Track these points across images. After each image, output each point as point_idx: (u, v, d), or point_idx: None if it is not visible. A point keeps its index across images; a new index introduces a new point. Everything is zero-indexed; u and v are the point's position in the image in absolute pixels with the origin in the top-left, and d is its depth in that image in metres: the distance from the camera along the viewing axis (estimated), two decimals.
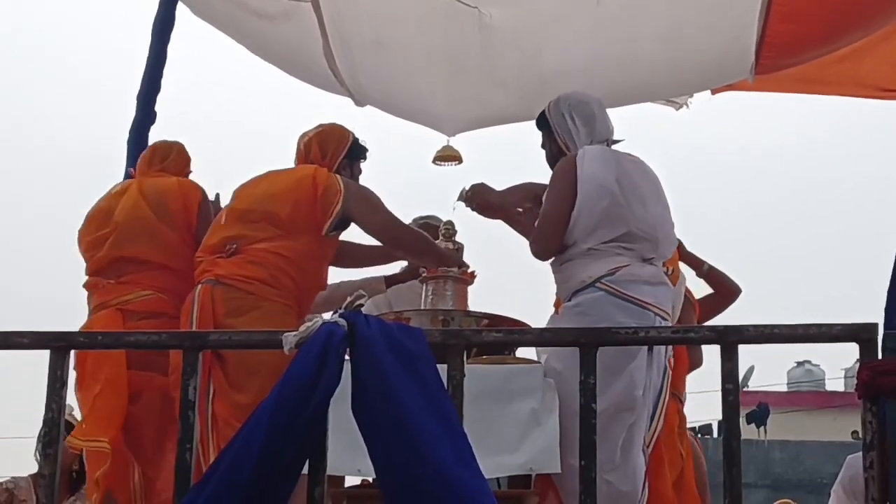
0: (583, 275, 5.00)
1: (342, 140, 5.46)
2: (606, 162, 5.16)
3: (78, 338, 3.59)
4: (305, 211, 5.16)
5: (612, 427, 4.70)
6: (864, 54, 6.91)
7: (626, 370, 4.78)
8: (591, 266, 4.99)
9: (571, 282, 5.04)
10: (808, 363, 36.54)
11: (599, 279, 4.94)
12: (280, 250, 5.08)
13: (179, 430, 3.41)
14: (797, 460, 24.98)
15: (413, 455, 3.14)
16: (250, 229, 5.13)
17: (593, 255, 5.01)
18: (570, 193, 5.07)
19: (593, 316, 4.82)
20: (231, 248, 5.10)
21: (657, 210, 5.21)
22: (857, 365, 7.33)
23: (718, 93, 7.36)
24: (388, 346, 3.30)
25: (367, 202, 5.27)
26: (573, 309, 4.97)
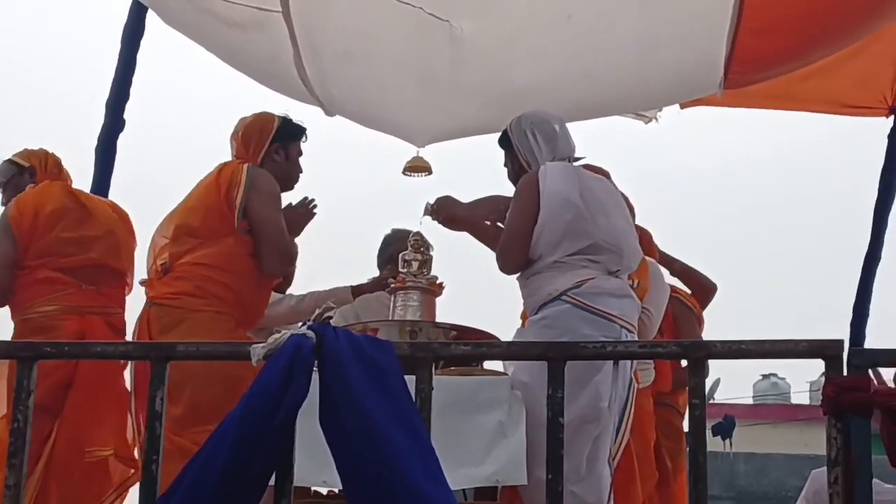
0: (549, 288, 5.03)
1: (265, 127, 5.56)
2: (569, 177, 5.21)
3: (45, 348, 3.57)
4: (216, 214, 5.26)
5: (577, 439, 4.71)
6: (830, 72, 6.98)
7: (592, 382, 4.81)
8: (558, 279, 5.03)
9: (538, 295, 5.07)
10: (773, 376, 36.63)
11: (566, 292, 4.97)
12: (201, 259, 5.18)
13: (146, 442, 3.40)
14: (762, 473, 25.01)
15: (381, 468, 3.14)
16: (176, 246, 5.25)
17: (559, 268, 5.05)
18: (532, 209, 5.12)
19: (559, 329, 4.87)
20: (163, 267, 5.24)
21: (620, 223, 5.27)
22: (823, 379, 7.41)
23: (687, 107, 7.40)
24: (356, 359, 3.29)
25: (263, 194, 5.31)
26: (539, 322, 5.01)
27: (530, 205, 5.14)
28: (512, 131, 5.46)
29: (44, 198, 5.86)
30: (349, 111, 7.48)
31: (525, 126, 5.43)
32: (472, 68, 6.79)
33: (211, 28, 6.98)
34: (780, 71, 6.66)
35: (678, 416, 6.30)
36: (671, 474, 6.15)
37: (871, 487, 3.19)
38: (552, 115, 5.55)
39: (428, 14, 6.41)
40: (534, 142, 5.36)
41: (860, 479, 3.16)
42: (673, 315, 6.03)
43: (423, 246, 5.87)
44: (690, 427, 3.26)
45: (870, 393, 3.18)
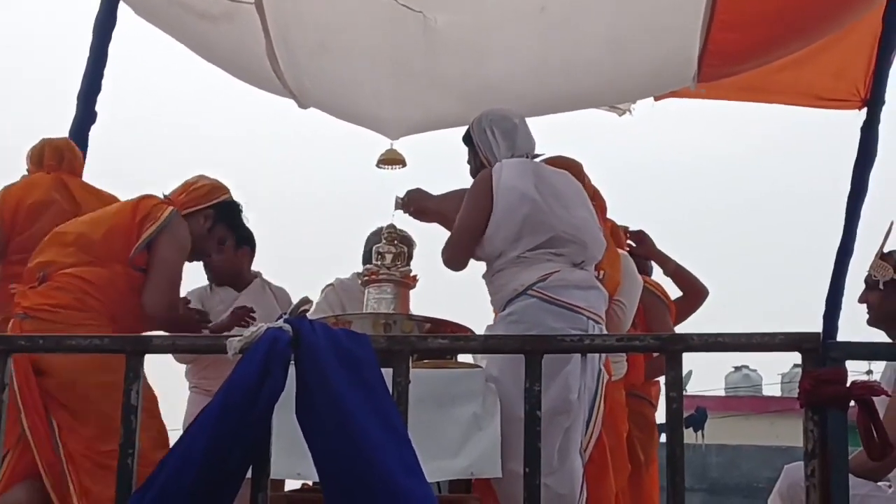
0: (514, 283, 5.05)
1: (213, 192, 5.52)
2: (524, 171, 5.22)
3: (19, 342, 3.55)
4: (119, 236, 5.13)
5: (548, 431, 4.68)
6: (804, 64, 7.00)
7: (561, 374, 4.81)
8: (522, 274, 5.04)
9: (504, 291, 5.09)
10: (745, 368, 36.82)
11: (531, 286, 4.98)
12: (84, 274, 5.00)
13: (121, 435, 3.38)
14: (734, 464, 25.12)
15: (358, 461, 3.13)
16: (61, 255, 5.07)
17: (523, 262, 5.06)
18: (485, 205, 5.14)
19: (526, 323, 4.89)
20: (41, 275, 5.03)
21: (581, 213, 5.26)
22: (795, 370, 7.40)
23: (661, 99, 7.41)
24: (333, 352, 3.28)
25: (175, 239, 5.20)
26: (507, 318, 5.02)
27: (483, 202, 5.15)
28: (473, 129, 5.47)
29: (29, 189, 5.76)
30: (323, 103, 7.48)
31: (485, 123, 5.43)
32: (445, 60, 6.80)
33: (182, 20, 6.96)
34: (753, 64, 6.69)
35: (650, 408, 6.31)
36: (643, 465, 6.15)
37: (848, 480, 3.20)
38: (513, 112, 5.54)
39: (401, 5, 6.40)
40: (492, 138, 5.37)
41: (837, 472, 3.17)
42: (644, 306, 6.02)
43: (398, 238, 5.86)
44: (668, 420, 3.26)
45: (847, 386, 3.19)
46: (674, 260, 6.63)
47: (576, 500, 4.89)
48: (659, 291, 6.35)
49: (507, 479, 4.67)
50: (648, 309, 6.11)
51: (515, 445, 4.64)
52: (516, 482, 4.26)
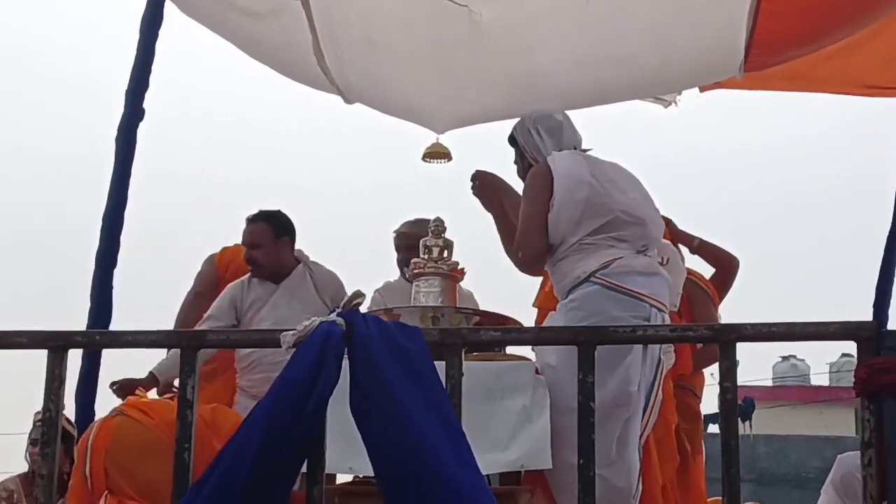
0: (577, 271, 5.06)
1: None
2: (577, 159, 5.32)
3: (75, 337, 3.58)
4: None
5: (607, 423, 4.72)
6: (851, 52, 6.93)
7: (622, 365, 4.82)
8: (584, 261, 5.05)
9: (567, 279, 5.10)
10: (793, 358, 36.67)
11: (594, 273, 5.00)
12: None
13: (178, 430, 3.41)
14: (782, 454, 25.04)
15: (412, 454, 3.14)
16: None
17: (585, 249, 5.08)
18: (546, 196, 5.19)
19: (587, 311, 4.89)
20: None
21: (636, 195, 5.32)
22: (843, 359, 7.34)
23: (707, 90, 7.37)
24: (386, 345, 3.30)
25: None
26: (568, 305, 5.03)
27: (544, 192, 5.20)
28: (517, 131, 5.62)
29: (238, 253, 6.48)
30: (368, 98, 7.47)
31: (528, 124, 5.57)
32: (491, 54, 6.78)
33: (228, 17, 6.98)
34: (800, 52, 6.64)
35: (695, 399, 6.29)
36: (690, 457, 6.13)
37: None
38: (556, 111, 5.71)
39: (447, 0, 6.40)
40: (538, 137, 5.50)
41: (894, 461, 3.16)
42: (688, 297, 6.00)
43: (444, 231, 5.87)
44: (721, 411, 3.25)
45: None
46: (697, 237, 6.60)
47: (632, 492, 4.88)
48: (702, 282, 6.33)
49: (560, 469, 4.69)
50: (692, 299, 6.09)
51: (570, 436, 4.65)
52: (570, 473, 4.26)
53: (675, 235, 6.57)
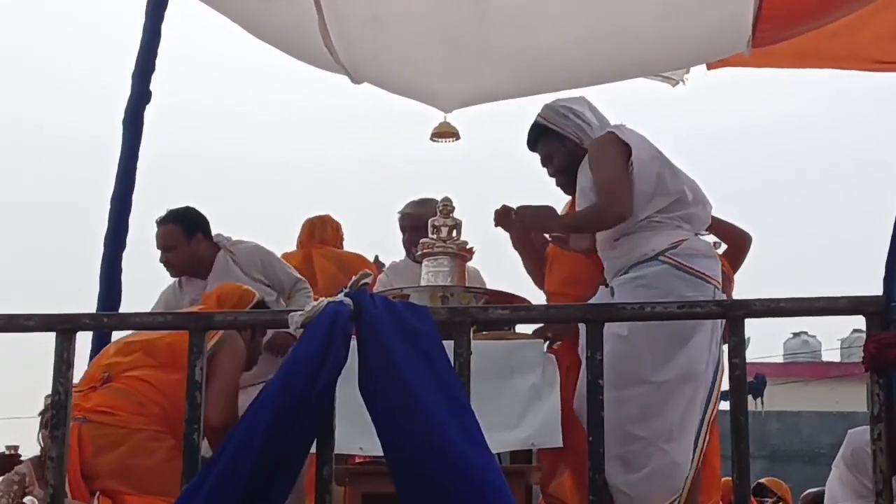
0: (644, 248, 5.00)
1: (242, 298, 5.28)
2: (642, 134, 5.20)
3: (84, 320, 3.58)
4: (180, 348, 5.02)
5: (672, 398, 4.76)
6: (860, 27, 6.89)
7: (690, 342, 4.81)
8: (654, 239, 5.01)
9: (630, 255, 5.03)
10: (804, 334, 36.65)
11: (663, 252, 4.95)
12: (148, 378, 4.95)
13: (187, 411, 3.41)
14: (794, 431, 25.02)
15: (421, 433, 3.15)
16: (127, 358, 5.02)
17: (654, 227, 5.04)
18: (624, 161, 5.05)
19: (659, 289, 4.84)
20: (105, 376, 5.00)
21: (691, 177, 5.25)
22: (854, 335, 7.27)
23: (714, 68, 7.34)
24: (394, 325, 3.30)
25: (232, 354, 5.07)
26: (636, 281, 4.96)
27: (621, 158, 5.06)
28: (548, 120, 5.40)
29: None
30: (376, 78, 7.46)
31: (561, 110, 5.40)
32: (498, 32, 6.77)
33: None
34: (808, 27, 6.60)
35: None
36: None
37: None
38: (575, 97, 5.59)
39: None
40: (579, 120, 5.34)
41: None
42: None
43: (453, 210, 5.86)
44: (731, 387, 3.26)
45: None
46: None
47: (687, 470, 4.86)
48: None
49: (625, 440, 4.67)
50: None
51: (641, 408, 4.67)
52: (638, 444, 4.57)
53: None
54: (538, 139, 5.47)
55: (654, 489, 4.77)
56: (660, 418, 4.77)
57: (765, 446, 23.30)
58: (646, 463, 4.76)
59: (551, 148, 5.42)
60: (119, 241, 7.04)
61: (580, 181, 5.26)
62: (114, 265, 6.99)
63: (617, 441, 4.57)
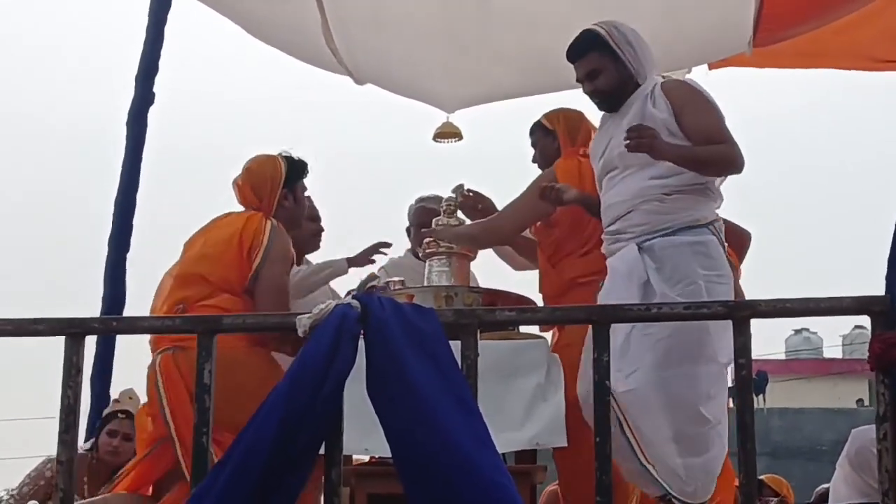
0: (697, 213, 4.79)
1: (275, 175, 5.35)
2: None
3: (93, 324, 3.60)
4: (234, 268, 5.08)
5: (723, 383, 4.68)
6: (860, 26, 6.91)
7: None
8: (704, 206, 4.82)
9: (678, 215, 4.77)
10: (805, 331, 36.69)
11: (712, 223, 4.80)
12: (220, 304, 4.96)
13: (195, 415, 3.43)
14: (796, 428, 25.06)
15: (429, 435, 3.16)
16: (191, 290, 5.04)
17: (707, 195, 4.84)
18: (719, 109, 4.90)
19: (714, 259, 4.71)
20: (180, 308, 4.98)
21: None
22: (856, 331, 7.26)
23: (715, 68, 7.36)
24: (401, 327, 3.31)
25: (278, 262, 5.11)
26: (695, 247, 4.72)
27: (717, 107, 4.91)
28: (612, 36, 5.05)
29: None
30: (378, 79, 7.49)
31: (630, 35, 5.08)
32: (499, 32, 6.79)
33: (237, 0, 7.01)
34: (809, 27, 6.63)
35: None
36: None
37: None
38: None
39: None
40: (641, 53, 5.05)
41: None
42: None
43: (457, 210, 5.85)
44: (737, 387, 3.26)
45: None
46: None
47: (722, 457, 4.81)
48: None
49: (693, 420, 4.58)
50: None
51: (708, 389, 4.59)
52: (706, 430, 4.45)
53: None
54: (589, 50, 5.11)
55: (710, 477, 4.63)
56: (718, 402, 4.63)
57: (767, 443, 23.33)
58: (707, 448, 4.62)
59: (603, 64, 5.05)
60: (124, 242, 7.08)
61: (649, 110, 4.92)
62: (119, 266, 7.03)
63: (685, 420, 4.53)
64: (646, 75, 5.01)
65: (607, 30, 5.07)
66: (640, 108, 4.93)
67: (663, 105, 4.89)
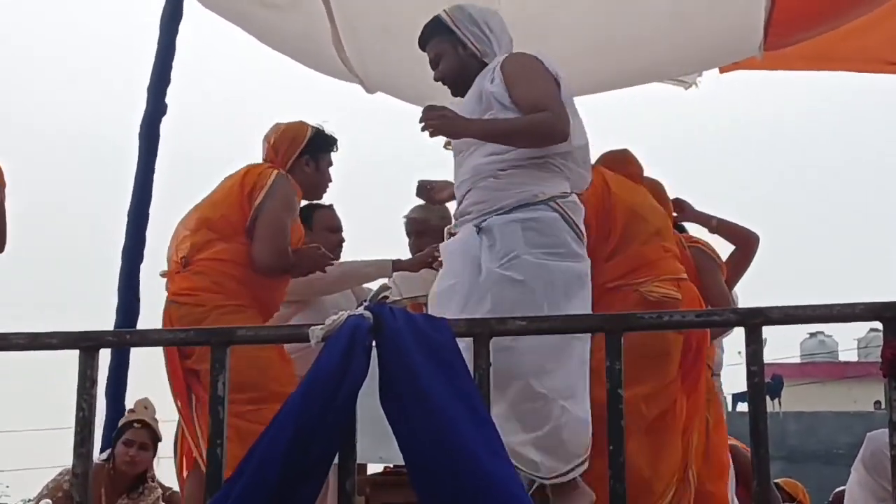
0: (535, 189, 4.62)
1: (296, 137, 5.50)
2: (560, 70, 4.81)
3: (106, 337, 3.60)
4: (236, 211, 5.23)
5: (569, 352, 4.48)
6: (870, 29, 6.92)
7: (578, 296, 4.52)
8: (546, 182, 4.63)
9: (515, 190, 4.62)
10: (821, 334, 36.61)
11: (554, 198, 4.60)
12: (219, 255, 5.16)
13: (210, 426, 3.43)
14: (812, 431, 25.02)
15: (443, 445, 3.16)
16: (195, 238, 5.24)
17: (550, 169, 4.65)
18: (556, 83, 4.70)
19: (550, 237, 4.54)
20: (183, 260, 5.22)
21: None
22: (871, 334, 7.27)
23: (726, 72, 7.37)
24: (414, 337, 3.31)
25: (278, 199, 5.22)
26: (526, 224, 4.56)
27: (550, 79, 4.69)
28: (455, 21, 4.95)
29: None
30: (388, 87, 7.51)
31: (474, 14, 4.97)
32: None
33: (248, 9, 7.04)
34: (819, 31, 6.64)
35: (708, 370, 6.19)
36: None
37: None
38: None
39: None
40: (488, 31, 4.92)
41: None
42: (697, 266, 5.92)
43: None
44: (750, 394, 3.25)
45: None
46: (715, 216, 6.54)
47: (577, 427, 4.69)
48: (710, 251, 6.25)
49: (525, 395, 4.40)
50: (701, 269, 5.97)
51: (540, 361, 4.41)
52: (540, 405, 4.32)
53: (693, 217, 6.51)
54: (432, 37, 5.07)
55: (560, 447, 4.40)
56: (559, 374, 4.42)
57: (782, 447, 23.29)
58: (547, 420, 4.39)
59: (443, 48, 5.00)
60: (137, 253, 7.10)
61: (486, 87, 4.77)
62: (132, 277, 7.05)
63: (517, 396, 4.37)
64: (495, 54, 4.88)
65: (450, 13, 5.00)
66: (478, 86, 4.83)
67: (498, 80, 4.74)
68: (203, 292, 5.08)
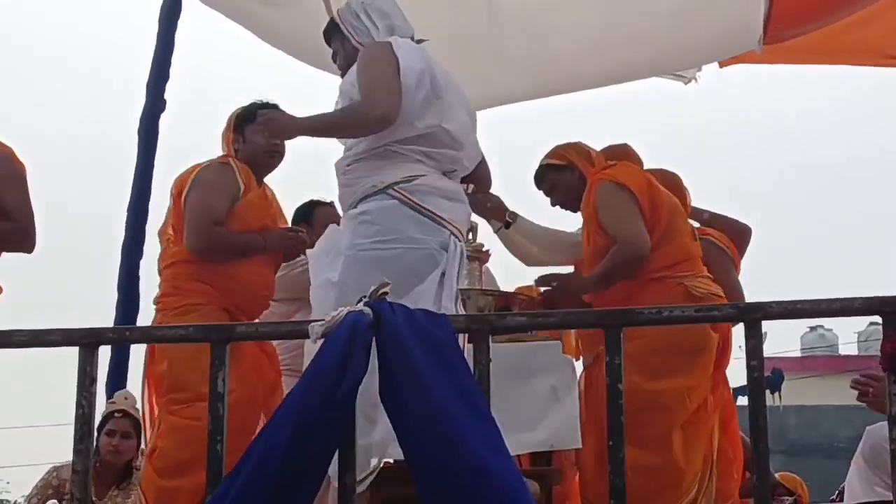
0: (373, 179, 4.58)
1: (229, 123, 5.55)
2: (420, 53, 4.77)
3: (107, 334, 3.60)
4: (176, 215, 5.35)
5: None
6: (870, 22, 6.91)
7: (412, 293, 4.34)
8: (386, 170, 4.58)
9: (358, 186, 4.61)
10: (821, 328, 36.50)
11: (392, 185, 4.53)
12: (172, 258, 5.30)
13: (210, 422, 3.43)
14: (812, 425, 24.99)
15: (443, 440, 3.16)
16: (161, 249, 5.46)
17: (390, 157, 4.60)
18: (395, 69, 4.59)
19: (381, 226, 4.48)
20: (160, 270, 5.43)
21: (465, 117, 4.83)
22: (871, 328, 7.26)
23: (726, 66, 7.36)
24: (413, 333, 3.31)
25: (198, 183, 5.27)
26: (357, 217, 4.56)
27: (391, 67, 4.59)
28: (341, 16, 4.96)
29: None
30: None
31: (356, 6, 4.92)
32: (510, 36, 6.80)
33: (247, 6, 7.02)
34: (819, 24, 6.64)
35: None
36: None
37: None
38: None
39: None
40: (368, 22, 4.86)
41: None
42: (707, 260, 5.90)
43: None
44: (750, 389, 3.25)
45: None
46: (707, 210, 6.53)
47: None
48: (722, 242, 6.23)
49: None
50: (711, 261, 5.94)
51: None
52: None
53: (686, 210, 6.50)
54: (331, 39, 5.07)
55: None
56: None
57: (783, 441, 23.27)
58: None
59: (336, 47, 5.02)
60: (136, 250, 7.10)
61: (344, 84, 4.80)
62: (132, 274, 7.05)
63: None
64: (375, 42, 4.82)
65: (340, 9, 5.01)
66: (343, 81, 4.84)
67: (353, 71, 4.74)
68: (165, 297, 5.23)
